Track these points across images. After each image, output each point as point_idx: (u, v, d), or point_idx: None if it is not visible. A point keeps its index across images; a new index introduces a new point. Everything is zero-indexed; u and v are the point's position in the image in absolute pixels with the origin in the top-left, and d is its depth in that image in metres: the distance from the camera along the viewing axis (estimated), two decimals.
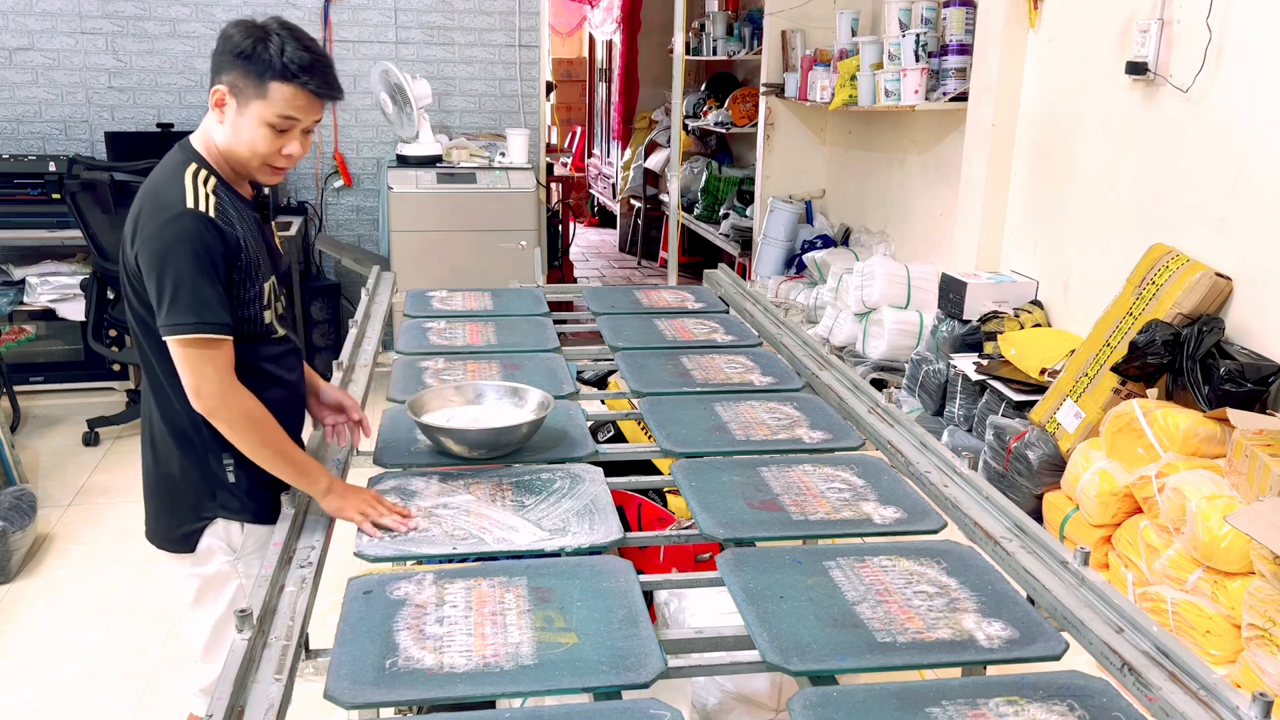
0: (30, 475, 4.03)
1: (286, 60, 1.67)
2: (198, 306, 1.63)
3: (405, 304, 3.02)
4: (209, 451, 1.78)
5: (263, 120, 1.69)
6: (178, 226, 1.64)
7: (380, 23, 5.59)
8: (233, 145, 1.73)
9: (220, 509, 1.82)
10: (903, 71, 4.58)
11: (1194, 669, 1.28)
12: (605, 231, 10.45)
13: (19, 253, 4.89)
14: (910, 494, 1.88)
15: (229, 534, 1.84)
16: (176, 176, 1.70)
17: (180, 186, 1.68)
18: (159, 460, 1.83)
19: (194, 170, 1.71)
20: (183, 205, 1.65)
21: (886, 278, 4.78)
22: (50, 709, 2.71)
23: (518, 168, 5.28)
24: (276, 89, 1.68)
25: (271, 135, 1.71)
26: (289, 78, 1.67)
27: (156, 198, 1.68)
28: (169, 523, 1.86)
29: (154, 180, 1.73)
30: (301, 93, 1.69)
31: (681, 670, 1.47)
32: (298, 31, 1.71)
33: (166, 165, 1.75)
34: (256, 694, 1.26)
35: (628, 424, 2.91)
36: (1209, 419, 2.84)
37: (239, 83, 1.68)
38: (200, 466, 1.79)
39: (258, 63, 1.66)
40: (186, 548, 1.85)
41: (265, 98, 1.68)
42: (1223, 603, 2.55)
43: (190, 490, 1.81)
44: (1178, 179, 3.38)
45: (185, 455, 1.79)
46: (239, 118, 1.70)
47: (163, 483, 1.84)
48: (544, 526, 1.70)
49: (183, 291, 1.63)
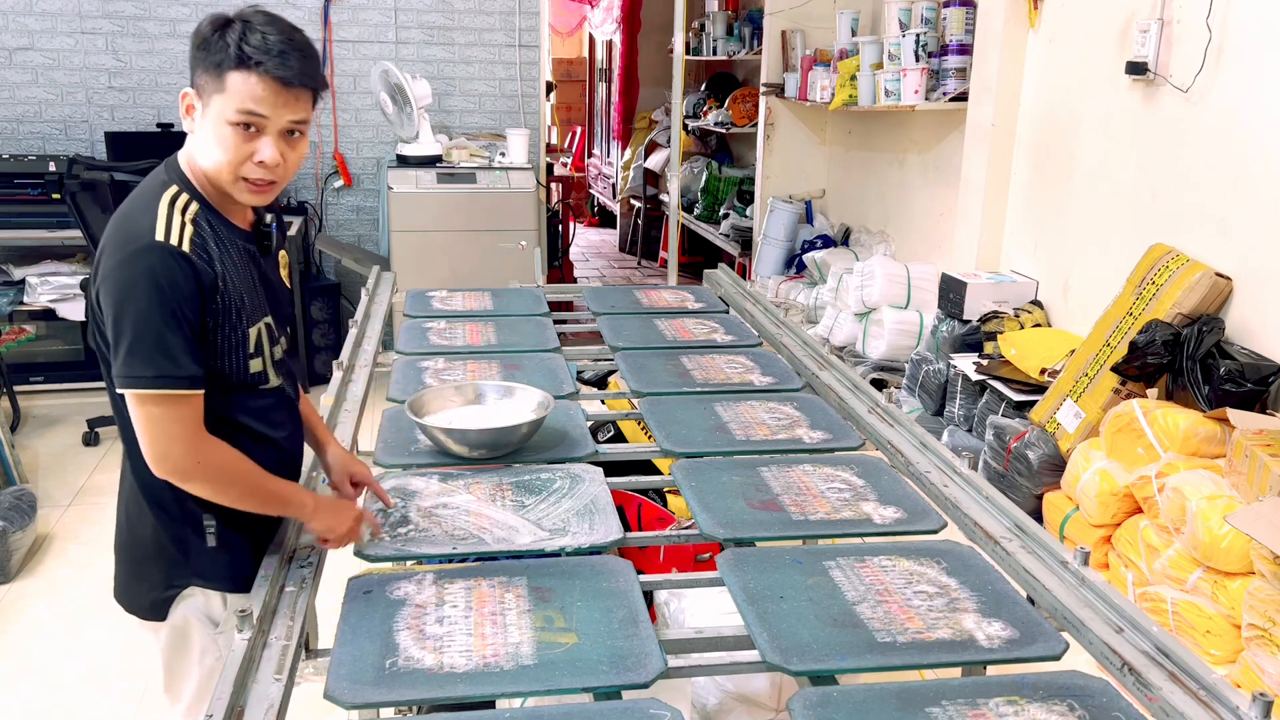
0: (30, 475, 4.03)
1: (245, 46, 1.43)
2: (158, 357, 1.41)
3: (405, 304, 3.01)
4: (185, 513, 1.58)
5: (223, 118, 1.45)
6: (141, 262, 1.41)
7: (380, 23, 5.59)
8: (206, 157, 1.50)
9: (195, 578, 1.60)
10: (903, 71, 4.58)
11: (1194, 669, 1.28)
12: (605, 231, 10.45)
13: (19, 253, 4.89)
14: (910, 494, 1.88)
15: (208, 605, 1.62)
16: (150, 201, 1.48)
17: (152, 214, 1.45)
18: (130, 519, 1.63)
19: (173, 195, 1.49)
20: (150, 237, 1.43)
21: (886, 278, 4.78)
22: (50, 709, 2.71)
23: (518, 168, 5.28)
24: (233, 79, 1.43)
25: (237, 137, 1.46)
26: (244, 63, 1.43)
27: (124, 226, 1.47)
28: (138, 588, 1.65)
29: (128, 204, 1.52)
30: (262, 80, 1.44)
31: (681, 670, 1.47)
32: (270, 17, 1.48)
33: (144, 187, 1.53)
34: (256, 694, 1.26)
35: (628, 424, 2.91)
36: (1209, 419, 2.84)
37: (200, 80, 1.47)
38: (173, 528, 1.59)
39: (215, 52, 1.44)
40: (155, 616, 1.64)
41: (224, 91, 1.44)
42: (1223, 603, 2.55)
43: (162, 556, 1.60)
44: (1178, 179, 3.38)
45: (157, 516, 1.58)
46: (203, 121, 1.47)
47: (133, 545, 1.64)
48: (544, 526, 1.70)
49: (142, 339, 1.40)
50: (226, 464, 1.50)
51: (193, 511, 1.57)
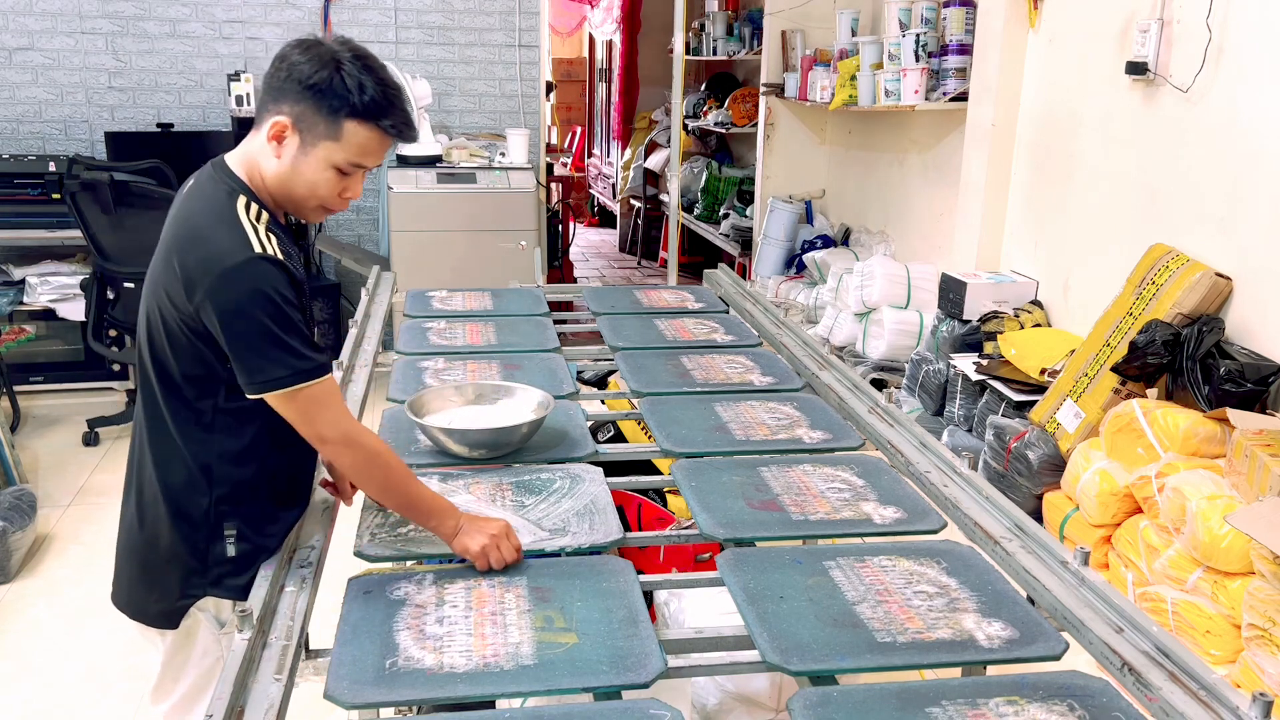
0: (30, 475, 4.03)
1: (367, 98, 1.48)
2: (291, 356, 1.46)
3: (405, 304, 3.01)
4: (208, 525, 1.59)
5: (330, 162, 1.51)
6: (251, 275, 1.44)
7: (380, 23, 5.59)
8: (289, 183, 1.54)
9: (211, 587, 1.61)
10: (903, 71, 4.58)
11: (1194, 669, 1.28)
12: (605, 231, 10.45)
13: (19, 253, 4.89)
14: (910, 494, 1.88)
15: (219, 610, 1.63)
16: (229, 214, 1.49)
17: (239, 227, 1.47)
18: (145, 525, 1.63)
19: (245, 205, 1.51)
20: (249, 250, 1.45)
21: (886, 278, 4.78)
22: (50, 709, 2.71)
23: (518, 168, 5.28)
24: (352, 129, 1.49)
25: (336, 178, 1.53)
26: (368, 118, 1.49)
27: (210, 241, 1.47)
28: (146, 595, 1.65)
29: (198, 217, 1.52)
30: (378, 135, 1.51)
31: (681, 670, 1.47)
32: (371, 61, 1.52)
33: (208, 197, 1.53)
34: (256, 694, 1.26)
35: (628, 424, 2.91)
36: (1209, 419, 2.84)
37: (307, 117, 1.49)
38: (194, 540, 1.59)
39: (332, 97, 1.47)
40: (165, 624, 1.64)
41: (338, 139, 1.49)
42: (1223, 603, 2.55)
43: (179, 565, 1.60)
44: (1178, 179, 3.38)
45: (178, 527, 1.59)
46: (302, 156, 1.51)
47: (147, 551, 1.63)
48: (544, 526, 1.70)
49: (271, 344, 1.45)
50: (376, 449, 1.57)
51: (216, 521, 1.59)
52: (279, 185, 1.55)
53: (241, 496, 1.60)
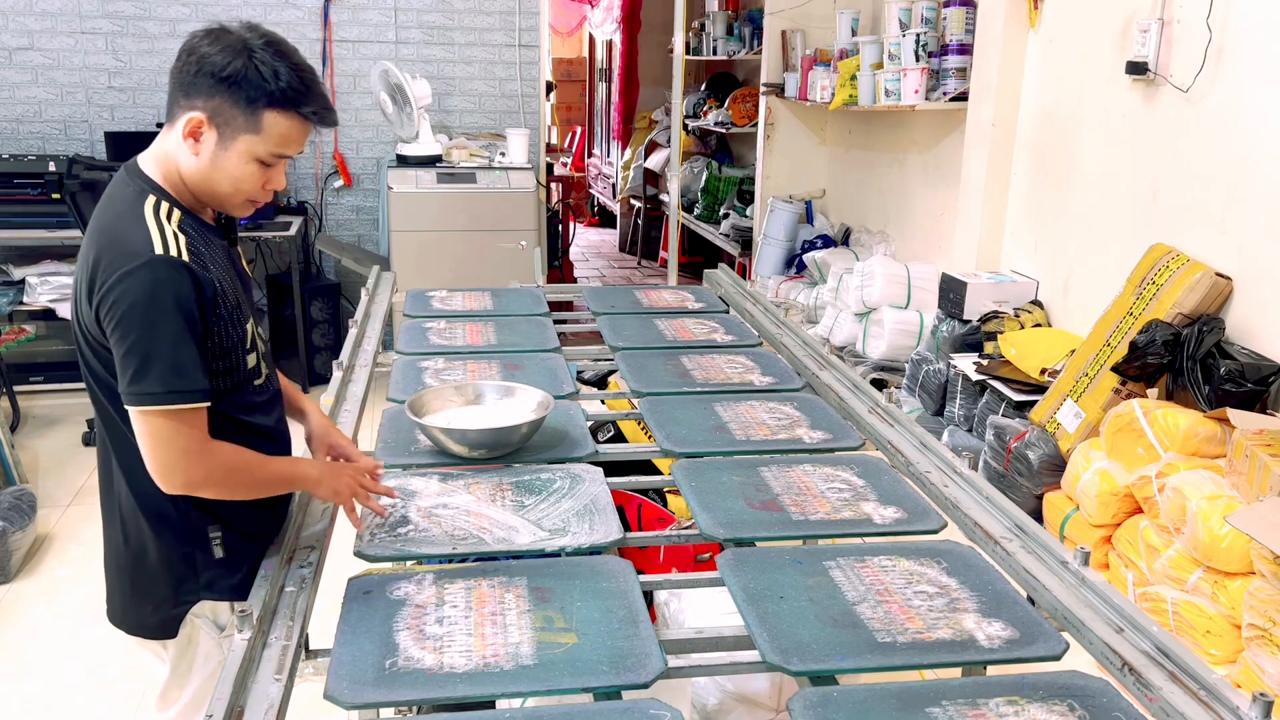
0: (30, 475, 4.03)
1: (284, 86, 1.44)
2: (170, 373, 1.39)
3: (405, 304, 3.01)
4: (190, 528, 1.56)
5: (252, 155, 1.47)
6: (146, 277, 1.38)
7: (380, 23, 5.59)
8: (211, 180, 1.49)
9: (204, 590, 1.60)
10: (903, 71, 4.58)
11: (1194, 669, 1.28)
12: (605, 231, 10.45)
13: (19, 253, 4.90)
14: (910, 494, 1.88)
15: (216, 613, 1.63)
16: (135, 213, 1.43)
17: (143, 226, 1.41)
18: (129, 540, 1.60)
19: (154, 204, 1.45)
20: (150, 251, 1.39)
21: (886, 278, 4.78)
22: (50, 709, 2.71)
23: (518, 168, 5.28)
24: (272, 120, 1.45)
25: (260, 171, 1.49)
26: (287, 106, 1.45)
27: (115, 241, 1.42)
28: (141, 609, 1.63)
29: (107, 218, 1.46)
30: (299, 122, 1.47)
31: (681, 670, 1.47)
32: (283, 46, 1.48)
33: (118, 198, 1.48)
34: (256, 694, 1.26)
35: (628, 424, 2.91)
36: (1209, 419, 2.84)
37: (223, 111, 1.44)
38: (179, 545, 1.57)
39: (248, 88, 1.42)
40: (164, 634, 1.63)
41: (258, 131, 1.45)
42: (1223, 603, 2.55)
43: (168, 574, 1.58)
44: (1178, 179, 3.38)
45: (161, 536, 1.56)
46: (221, 151, 1.46)
47: (135, 566, 1.61)
48: (544, 526, 1.70)
49: (153, 356, 1.38)
50: (231, 463, 1.49)
51: (198, 525, 1.57)
52: (200, 182, 1.50)
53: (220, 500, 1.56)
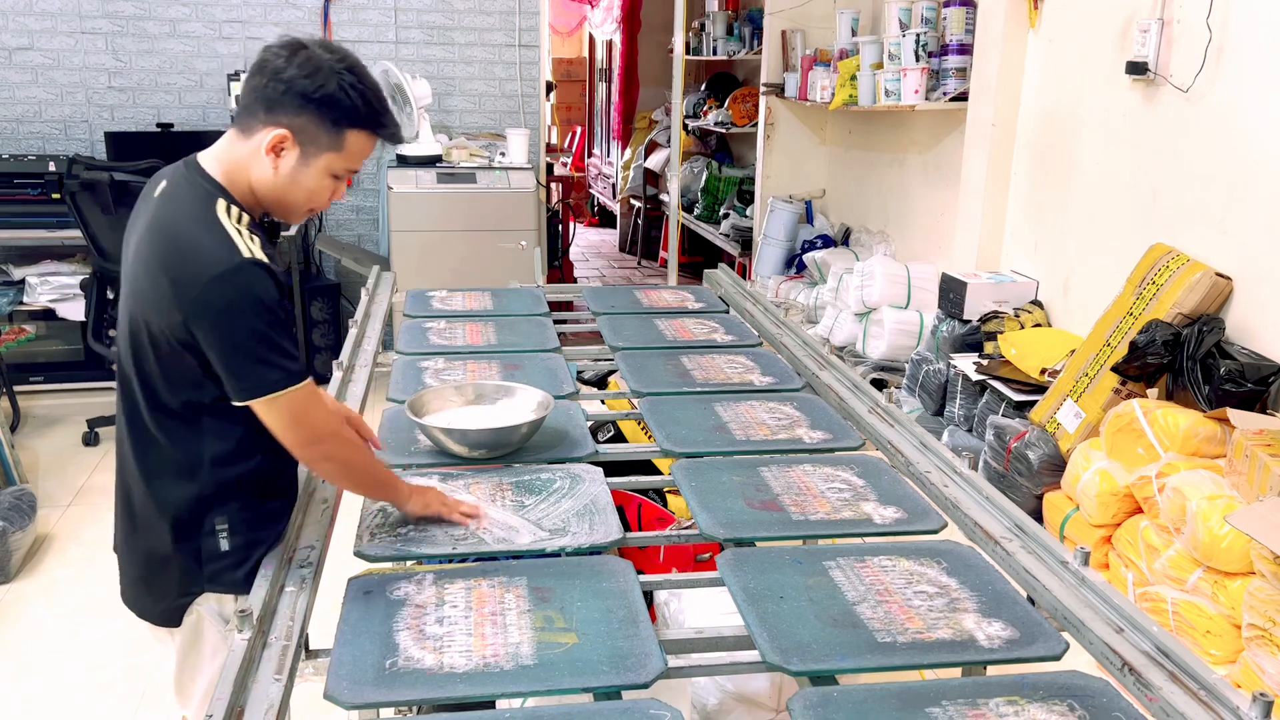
0: (30, 475, 4.03)
1: (368, 109, 1.54)
2: (278, 360, 1.48)
3: (405, 304, 3.01)
4: (198, 523, 1.62)
5: (330, 171, 1.56)
6: (239, 281, 1.45)
7: (380, 23, 5.59)
8: (285, 191, 1.56)
9: (209, 583, 1.64)
10: (903, 71, 4.58)
11: (1194, 669, 1.28)
12: (605, 231, 10.45)
13: (19, 253, 4.90)
14: (910, 494, 1.88)
15: (221, 606, 1.67)
16: (210, 218, 1.49)
17: (221, 231, 1.48)
18: (138, 529, 1.66)
19: (225, 208, 1.51)
20: (238, 256, 1.45)
21: (886, 278, 4.78)
22: (50, 709, 2.71)
23: (518, 168, 5.28)
24: (353, 139, 1.54)
25: (332, 184, 1.58)
26: (369, 127, 1.55)
27: (196, 248, 1.47)
28: (148, 595, 1.69)
29: (180, 224, 1.50)
30: (375, 141, 1.58)
31: (681, 670, 1.47)
32: (361, 69, 1.56)
33: (187, 202, 1.52)
34: (256, 694, 1.26)
35: (628, 424, 2.91)
36: (1209, 419, 2.84)
37: (308, 129, 1.51)
38: (190, 541, 1.62)
39: (334, 110, 1.51)
40: (169, 622, 1.69)
41: (340, 149, 1.54)
42: (1223, 603, 2.55)
43: (175, 565, 1.64)
44: (1178, 179, 3.38)
45: (170, 528, 1.62)
46: (302, 166, 1.54)
47: (144, 554, 1.67)
48: (544, 526, 1.70)
49: (259, 351, 1.47)
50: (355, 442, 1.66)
51: (207, 519, 1.61)
52: (272, 192, 1.56)
53: (229, 494, 1.61)
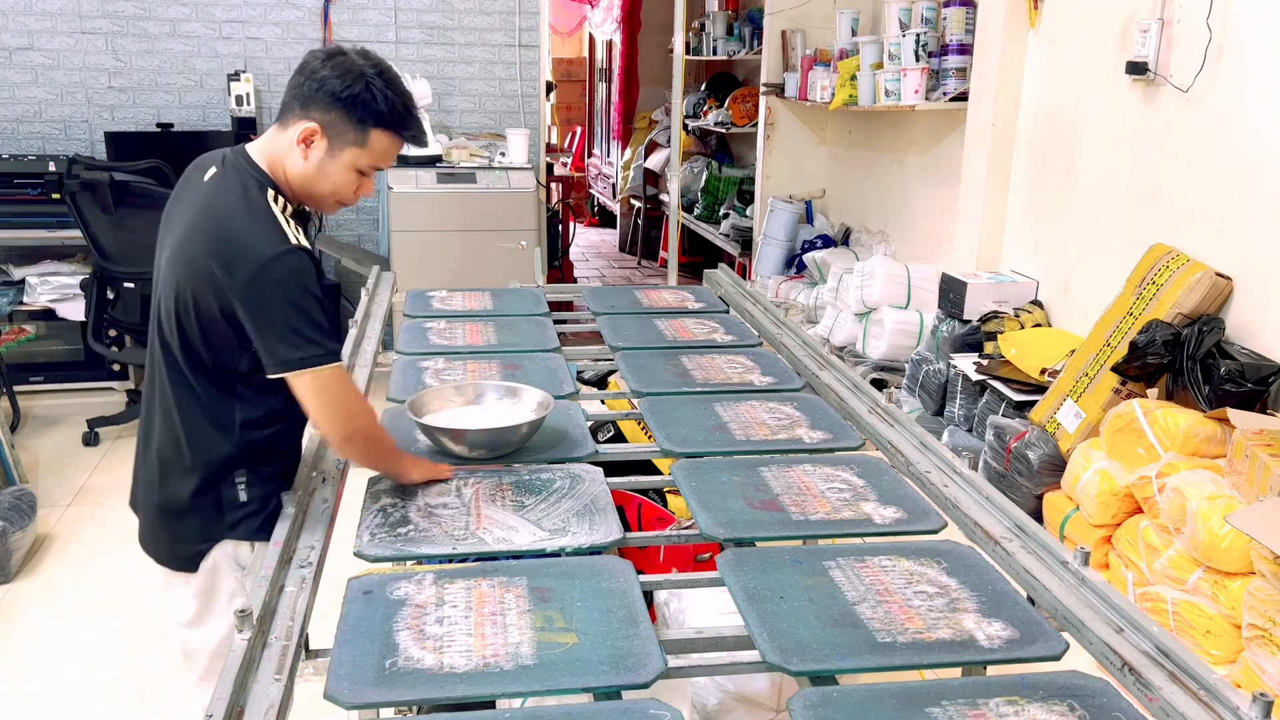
0: (30, 475, 4.03)
1: (393, 111, 1.68)
2: (318, 339, 1.64)
3: (405, 304, 3.01)
4: (223, 476, 1.78)
5: (354, 166, 1.71)
6: (287, 265, 1.62)
7: (380, 23, 5.59)
8: (313, 182, 1.72)
9: (228, 530, 1.80)
10: (903, 71, 4.58)
11: (1194, 669, 1.28)
12: (605, 231, 10.45)
13: (19, 253, 4.90)
14: (910, 494, 1.88)
15: (237, 553, 1.82)
16: (261, 206, 1.65)
17: (273, 221, 1.64)
18: (166, 484, 1.80)
19: (273, 197, 1.68)
20: (285, 242, 1.62)
21: (886, 278, 4.78)
22: (50, 709, 2.71)
23: (518, 168, 5.28)
24: (377, 138, 1.69)
25: (356, 179, 1.73)
26: (392, 128, 1.69)
27: (248, 234, 1.62)
28: (170, 543, 1.84)
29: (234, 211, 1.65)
30: (398, 142, 1.72)
31: (681, 670, 1.47)
32: (391, 75, 1.70)
33: (237, 189, 1.68)
34: (256, 694, 1.26)
35: (628, 424, 2.91)
36: (1209, 419, 2.84)
37: (336, 125, 1.67)
38: (213, 492, 1.78)
39: (361, 109, 1.66)
40: (189, 567, 1.82)
41: (364, 146, 1.69)
42: (1223, 603, 2.55)
43: (198, 513, 1.79)
44: (1178, 179, 3.38)
45: (202, 481, 1.77)
46: (329, 159, 1.69)
47: (168, 506, 1.81)
48: (544, 526, 1.70)
49: (302, 329, 1.62)
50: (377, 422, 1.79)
51: (229, 471, 1.78)
52: (302, 182, 1.72)
53: (253, 455, 1.79)
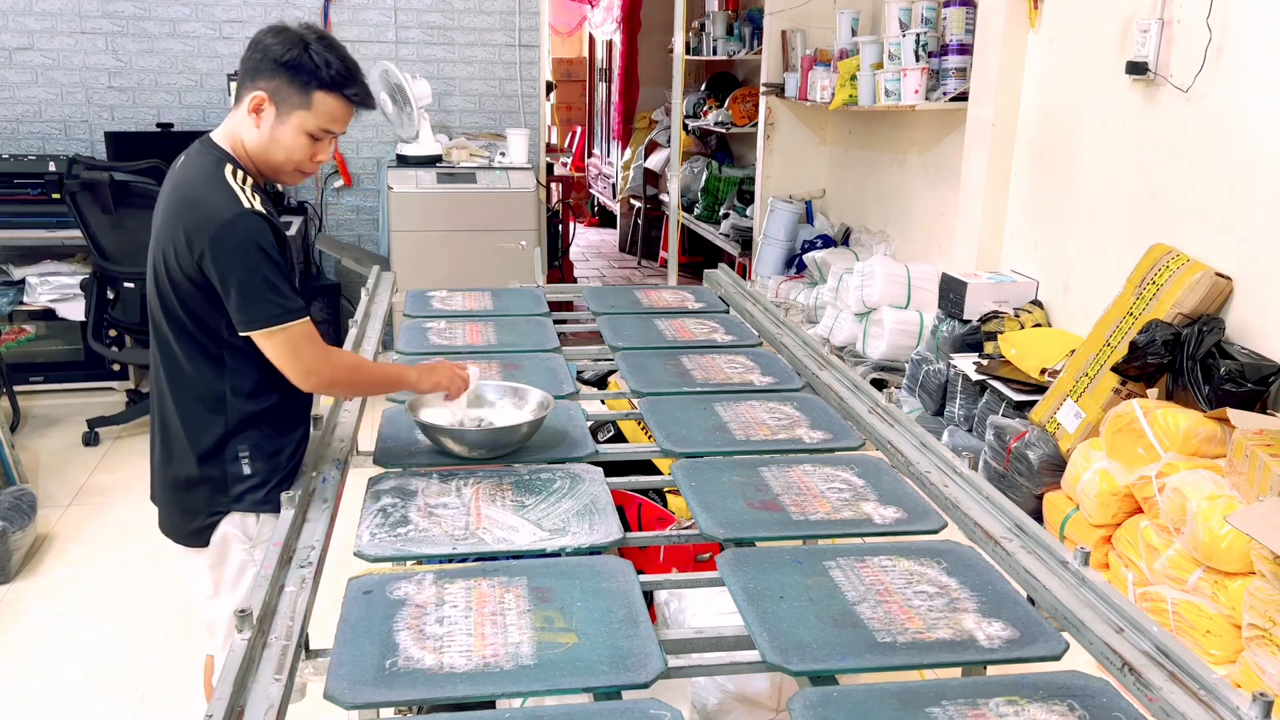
0: (30, 475, 4.03)
1: (333, 72, 1.74)
2: (277, 299, 1.71)
3: (405, 304, 3.01)
4: (225, 450, 1.85)
5: (303, 129, 1.76)
6: (243, 226, 1.69)
7: (380, 23, 5.59)
8: (268, 150, 1.78)
9: (234, 503, 1.87)
10: (903, 71, 4.58)
11: (1194, 669, 1.28)
12: (605, 231, 10.45)
13: (19, 253, 4.89)
14: (910, 494, 1.88)
15: (244, 525, 1.89)
16: (218, 179, 1.73)
17: (228, 189, 1.72)
18: (172, 461, 1.88)
19: (231, 170, 1.75)
20: (237, 207, 1.70)
21: (886, 278, 4.78)
22: (50, 709, 2.71)
23: (518, 168, 5.28)
24: (321, 99, 1.75)
25: (308, 143, 1.78)
26: (334, 89, 1.75)
27: (204, 202, 1.71)
28: (182, 519, 1.91)
29: (191, 185, 1.75)
30: (343, 103, 1.77)
31: (681, 670, 1.47)
32: (333, 40, 1.78)
33: (198, 167, 1.77)
34: (256, 694, 1.26)
35: (628, 424, 2.91)
36: (1209, 419, 2.84)
37: (281, 90, 1.74)
38: (216, 465, 1.85)
39: (302, 72, 1.72)
40: (200, 542, 1.90)
41: (309, 108, 1.75)
42: (1223, 603, 2.55)
43: (205, 489, 1.87)
44: (1178, 179, 3.38)
45: (201, 457, 1.85)
46: (279, 124, 1.76)
47: (176, 482, 1.89)
48: (544, 526, 1.70)
49: (263, 287, 1.70)
50: (351, 362, 1.92)
51: (230, 447, 1.84)
52: (259, 152, 1.79)
53: (250, 426, 1.85)
